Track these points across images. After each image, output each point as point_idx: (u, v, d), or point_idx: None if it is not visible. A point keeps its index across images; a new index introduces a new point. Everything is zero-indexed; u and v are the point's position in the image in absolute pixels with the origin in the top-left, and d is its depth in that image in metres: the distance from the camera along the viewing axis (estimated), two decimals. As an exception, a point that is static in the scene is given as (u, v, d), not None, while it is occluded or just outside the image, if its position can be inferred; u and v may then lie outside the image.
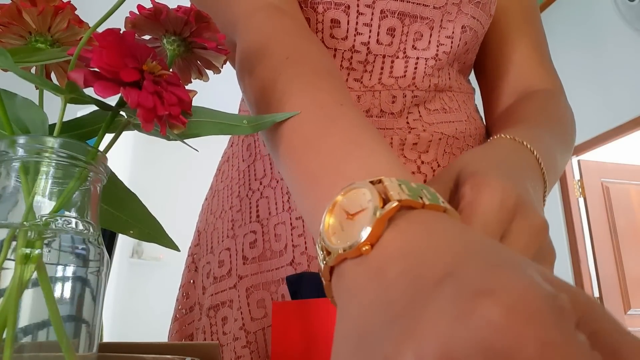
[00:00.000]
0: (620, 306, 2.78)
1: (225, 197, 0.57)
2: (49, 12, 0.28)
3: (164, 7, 0.29)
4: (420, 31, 0.50)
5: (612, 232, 2.89)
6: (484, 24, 0.54)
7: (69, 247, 0.23)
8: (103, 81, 0.22)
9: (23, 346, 0.21)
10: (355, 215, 0.21)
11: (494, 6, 0.55)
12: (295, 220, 0.49)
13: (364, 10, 0.48)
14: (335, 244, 0.21)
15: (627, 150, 3.19)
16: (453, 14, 0.50)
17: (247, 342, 0.48)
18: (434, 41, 0.50)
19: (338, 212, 0.22)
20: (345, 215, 0.21)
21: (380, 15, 0.48)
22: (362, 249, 0.20)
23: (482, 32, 0.55)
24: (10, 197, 0.23)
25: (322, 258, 0.22)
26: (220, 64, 0.32)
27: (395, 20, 0.49)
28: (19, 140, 0.23)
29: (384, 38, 0.49)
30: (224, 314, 0.51)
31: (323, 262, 0.22)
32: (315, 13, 0.48)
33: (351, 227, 0.21)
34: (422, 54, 0.50)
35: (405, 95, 0.50)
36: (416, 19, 0.49)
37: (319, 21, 0.48)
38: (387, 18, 0.48)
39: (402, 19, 0.49)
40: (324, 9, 0.47)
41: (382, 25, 0.48)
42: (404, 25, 0.49)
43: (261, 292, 0.49)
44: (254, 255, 0.51)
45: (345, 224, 0.21)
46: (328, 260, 0.21)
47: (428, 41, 0.50)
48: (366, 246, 0.20)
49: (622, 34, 2.64)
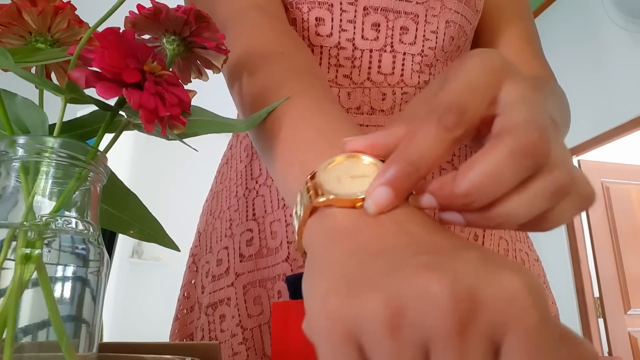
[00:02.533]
0: (620, 306, 2.78)
1: (224, 197, 0.58)
2: (49, 12, 0.28)
3: (164, 6, 0.29)
4: (405, 25, 0.51)
5: (612, 232, 2.89)
6: (470, 19, 0.54)
7: (69, 247, 0.23)
8: (105, 82, 0.22)
9: (23, 346, 0.21)
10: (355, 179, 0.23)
11: (479, 1, 0.55)
12: (290, 217, 0.50)
13: (347, 8, 0.49)
14: (332, 188, 0.23)
15: (627, 150, 3.19)
16: (437, 8, 0.51)
17: (244, 338, 0.49)
18: (420, 36, 0.51)
19: (338, 169, 0.24)
20: (345, 175, 0.23)
21: (364, 12, 0.50)
22: (356, 204, 0.22)
23: (470, 27, 0.55)
24: (10, 197, 0.23)
25: (308, 198, 0.23)
26: (220, 63, 0.32)
27: (379, 16, 0.50)
28: (19, 140, 0.23)
29: (369, 33, 0.50)
30: (221, 312, 0.52)
31: (307, 201, 0.23)
32: (300, 13, 0.50)
33: (349, 184, 0.23)
34: (409, 49, 0.51)
35: (395, 92, 0.51)
36: (400, 14, 0.50)
37: (304, 20, 0.50)
38: (371, 14, 0.50)
39: (386, 15, 0.50)
40: (308, 8, 0.49)
41: (366, 22, 0.50)
42: (389, 21, 0.50)
43: (258, 289, 0.50)
44: (250, 253, 0.51)
45: (343, 180, 0.23)
46: (316, 200, 0.23)
47: (414, 35, 0.51)
48: (361, 202, 0.22)
49: (621, 34, 2.64)
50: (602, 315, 2.74)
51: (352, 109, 0.51)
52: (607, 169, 3.01)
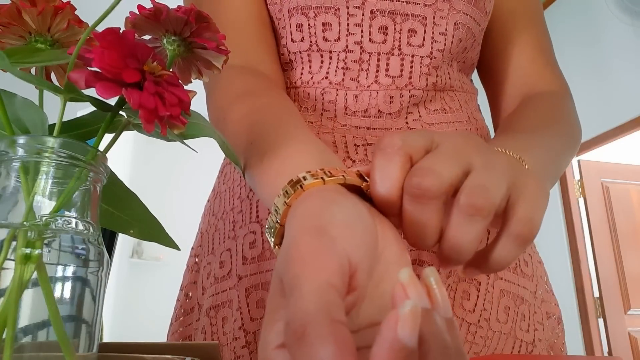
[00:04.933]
0: (620, 306, 2.78)
1: (227, 198, 0.58)
2: (49, 12, 0.28)
3: (164, 7, 0.29)
4: (413, 28, 0.50)
5: (612, 232, 2.89)
6: (478, 21, 0.54)
7: (69, 247, 0.23)
8: (105, 82, 0.22)
9: (23, 346, 0.21)
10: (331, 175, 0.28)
11: (489, 3, 0.55)
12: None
13: (353, 12, 0.49)
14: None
15: (627, 150, 3.19)
16: (445, 10, 0.51)
17: (247, 342, 0.48)
18: (429, 38, 0.50)
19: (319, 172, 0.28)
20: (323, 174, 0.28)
21: (371, 15, 0.49)
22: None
23: (479, 29, 0.54)
24: (10, 197, 0.23)
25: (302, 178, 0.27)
26: (220, 64, 0.32)
27: (386, 19, 0.50)
28: (19, 140, 0.23)
29: (377, 36, 0.50)
30: (224, 314, 0.51)
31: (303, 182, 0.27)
32: (307, 18, 0.50)
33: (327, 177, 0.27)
34: (417, 51, 0.50)
35: (403, 95, 0.50)
36: (407, 17, 0.50)
37: (311, 26, 0.50)
38: (378, 17, 0.50)
39: (393, 18, 0.50)
40: (314, 13, 0.50)
41: (373, 25, 0.50)
42: (396, 24, 0.50)
43: (260, 292, 0.49)
44: (253, 256, 0.51)
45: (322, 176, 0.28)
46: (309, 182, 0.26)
47: (422, 37, 0.50)
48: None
49: (622, 33, 2.64)
50: (602, 315, 2.74)
51: (359, 112, 0.50)
52: (607, 169, 3.01)
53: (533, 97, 0.55)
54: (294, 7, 0.50)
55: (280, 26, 0.53)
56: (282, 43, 0.53)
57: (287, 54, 0.53)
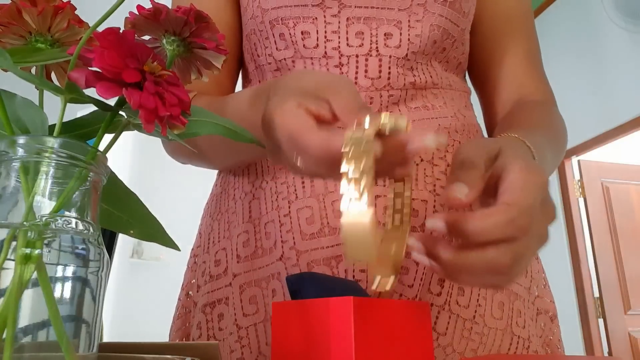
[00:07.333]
0: (621, 306, 2.78)
1: (223, 200, 0.60)
2: (49, 12, 0.28)
3: (164, 7, 0.29)
4: (389, 32, 0.52)
5: (612, 232, 2.89)
6: (456, 22, 0.55)
7: (69, 247, 0.23)
8: (105, 82, 0.22)
9: (23, 346, 0.21)
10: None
11: (466, 4, 0.56)
12: (283, 218, 0.51)
13: (330, 20, 0.52)
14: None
15: (627, 150, 3.19)
16: (420, 14, 0.53)
17: (239, 337, 0.51)
18: (405, 40, 0.52)
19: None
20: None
21: (347, 22, 0.52)
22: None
23: (457, 30, 0.56)
24: (10, 197, 0.23)
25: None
26: (219, 63, 0.33)
27: (362, 25, 0.52)
28: (19, 140, 0.23)
29: (354, 41, 0.52)
30: (220, 311, 0.53)
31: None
32: (287, 28, 0.53)
33: None
34: (394, 52, 0.52)
35: (382, 95, 0.52)
36: (383, 22, 0.52)
37: (292, 34, 0.53)
38: (354, 24, 0.52)
39: (369, 23, 0.52)
40: (294, 23, 0.53)
41: (350, 31, 0.52)
42: (372, 28, 0.52)
43: (253, 289, 0.51)
44: (246, 254, 0.53)
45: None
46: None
47: (399, 39, 0.52)
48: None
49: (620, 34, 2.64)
50: (602, 316, 2.74)
51: None
52: (607, 169, 3.01)
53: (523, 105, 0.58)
54: (274, 18, 0.53)
55: (263, 37, 0.55)
56: (268, 52, 0.56)
57: (274, 62, 0.55)
